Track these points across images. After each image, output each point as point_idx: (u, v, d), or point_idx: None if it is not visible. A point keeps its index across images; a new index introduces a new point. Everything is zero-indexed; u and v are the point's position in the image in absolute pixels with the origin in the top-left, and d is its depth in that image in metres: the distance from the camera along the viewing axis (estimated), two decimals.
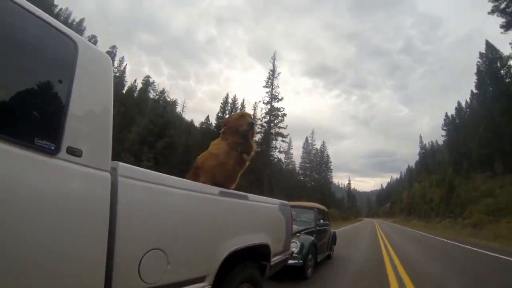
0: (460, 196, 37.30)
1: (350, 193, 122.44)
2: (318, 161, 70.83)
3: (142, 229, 1.56)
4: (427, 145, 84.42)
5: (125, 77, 60.01)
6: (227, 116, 37.92)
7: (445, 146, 65.17)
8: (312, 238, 6.18)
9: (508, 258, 10.57)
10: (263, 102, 44.37)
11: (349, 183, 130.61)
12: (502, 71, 41.84)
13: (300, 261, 5.35)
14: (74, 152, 1.31)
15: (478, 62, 46.60)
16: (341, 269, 7.14)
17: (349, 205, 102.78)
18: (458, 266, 8.71)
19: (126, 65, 63.41)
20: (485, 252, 12.61)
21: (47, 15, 1.36)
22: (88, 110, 1.45)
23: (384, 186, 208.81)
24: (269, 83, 45.05)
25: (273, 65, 45.92)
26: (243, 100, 47.87)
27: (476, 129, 44.45)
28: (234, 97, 47.04)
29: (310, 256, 5.81)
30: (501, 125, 38.22)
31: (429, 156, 79.18)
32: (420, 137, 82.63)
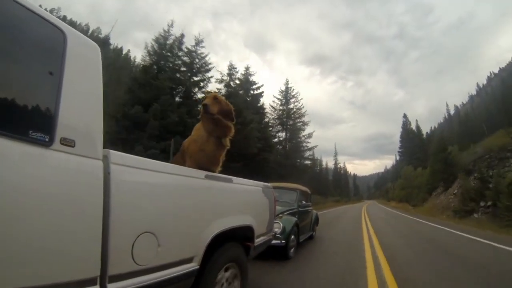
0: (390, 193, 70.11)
1: (355, 184, 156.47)
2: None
3: (134, 214, 1.64)
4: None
5: None
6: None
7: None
8: (294, 219, 6.35)
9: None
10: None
11: (354, 175, 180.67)
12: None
13: (282, 241, 5.52)
14: (67, 142, 1.35)
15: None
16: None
17: (355, 192, 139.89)
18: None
19: None
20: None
21: (34, 4, 1.35)
22: (79, 101, 1.48)
23: (381, 173, 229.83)
24: (334, 156, 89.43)
25: (335, 150, 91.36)
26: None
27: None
28: None
29: (292, 236, 5.98)
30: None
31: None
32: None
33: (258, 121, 25.47)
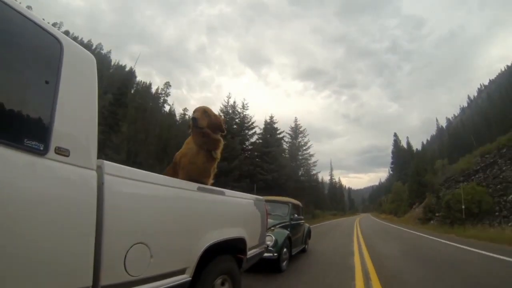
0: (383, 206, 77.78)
1: (350, 198, 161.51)
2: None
3: (127, 224, 1.63)
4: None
5: None
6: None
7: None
8: (286, 232, 6.32)
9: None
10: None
11: (349, 189, 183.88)
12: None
13: (275, 254, 5.48)
14: (62, 152, 1.35)
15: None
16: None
17: (350, 206, 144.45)
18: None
19: None
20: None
21: (31, 12, 1.36)
22: (75, 110, 1.48)
23: (375, 186, 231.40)
24: (330, 171, 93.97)
25: (331, 166, 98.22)
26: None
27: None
28: None
29: (285, 249, 5.94)
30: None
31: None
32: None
33: (288, 164, 40.53)
